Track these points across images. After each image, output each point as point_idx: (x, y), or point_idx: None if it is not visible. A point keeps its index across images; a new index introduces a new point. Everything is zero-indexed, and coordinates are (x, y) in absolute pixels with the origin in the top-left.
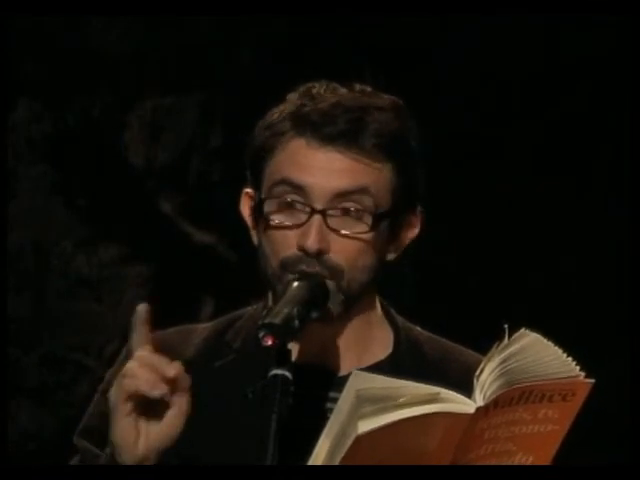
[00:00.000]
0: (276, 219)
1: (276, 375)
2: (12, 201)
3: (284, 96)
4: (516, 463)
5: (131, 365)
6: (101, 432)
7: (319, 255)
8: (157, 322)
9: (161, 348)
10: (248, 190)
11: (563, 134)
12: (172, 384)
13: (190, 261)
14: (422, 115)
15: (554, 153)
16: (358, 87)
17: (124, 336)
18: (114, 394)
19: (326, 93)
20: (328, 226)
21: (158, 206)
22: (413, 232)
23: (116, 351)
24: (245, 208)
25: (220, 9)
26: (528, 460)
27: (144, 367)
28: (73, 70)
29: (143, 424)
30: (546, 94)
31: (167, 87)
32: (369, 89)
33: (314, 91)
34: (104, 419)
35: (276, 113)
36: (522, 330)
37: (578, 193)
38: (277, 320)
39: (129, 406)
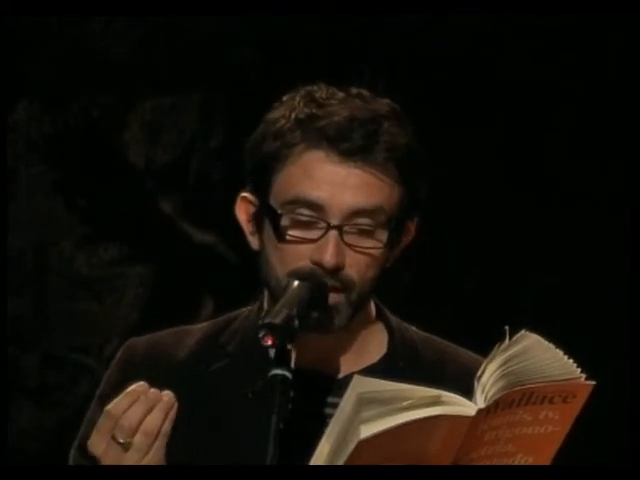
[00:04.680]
0: (291, 234)
1: (276, 375)
2: (12, 201)
3: (284, 96)
4: (516, 464)
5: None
6: None
7: (336, 270)
8: (157, 322)
9: (155, 350)
10: (246, 195)
11: (563, 136)
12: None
13: (190, 261)
14: (420, 117)
15: (553, 154)
16: (354, 90)
17: (124, 336)
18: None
19: (328, 99)
20: (344, 241)
21: (158, 206)
22: (408, 239)
23: (116, 351)
24: (242, 213)
25: (220, 9)
26: (528, 461)
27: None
28: (73, 70)
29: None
30: (545, 95)
31: (167, 87)
32: (366, 93)
33: (317, 96)
34: None
35: (281, 120)
36: (523, 331)
37: (578, 194)
38: (277, 320)
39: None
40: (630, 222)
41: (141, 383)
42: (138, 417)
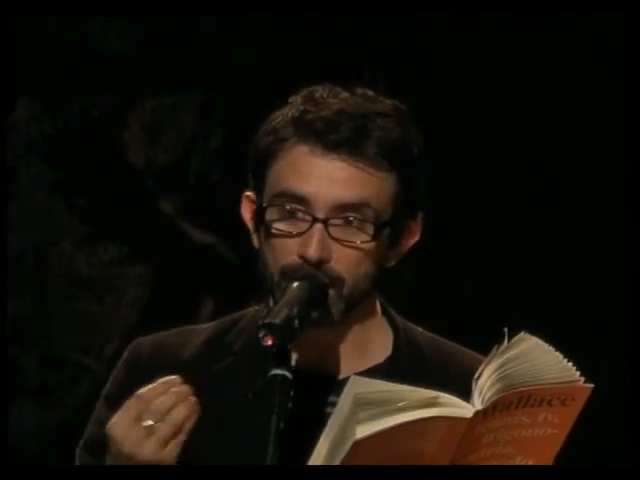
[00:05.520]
0: (277, 227)
1: (276, 375)
2: (12, 201)
3: (284, 96)
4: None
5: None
6: (104, 443)
7: (320, 264)
8: (157, 322)
9: (161, 350)
10: (249, 194)
11: (563, 136)
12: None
13: (190, 261)
14: (422, 118)
15: (554, 155)
16: (360, 91)
17: (124, 336)
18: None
19: (329, 97)
20: (330, 235)
21: (158, 206)
22: (413, 239)
23: (116, 351)
24: (246, 212)
25: (220, 9)
26: (528, 463)
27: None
28: (73, 70)
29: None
30: (545, 95)
31: (167, 87)
32: (371, 93)
33: (317, 95)
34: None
35: (279, 117)
36: (522, 334)
37: (578, 194)
38: (277, 320)
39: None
40: (630, 223)
41: (176, 377)
42: (170, 404)
